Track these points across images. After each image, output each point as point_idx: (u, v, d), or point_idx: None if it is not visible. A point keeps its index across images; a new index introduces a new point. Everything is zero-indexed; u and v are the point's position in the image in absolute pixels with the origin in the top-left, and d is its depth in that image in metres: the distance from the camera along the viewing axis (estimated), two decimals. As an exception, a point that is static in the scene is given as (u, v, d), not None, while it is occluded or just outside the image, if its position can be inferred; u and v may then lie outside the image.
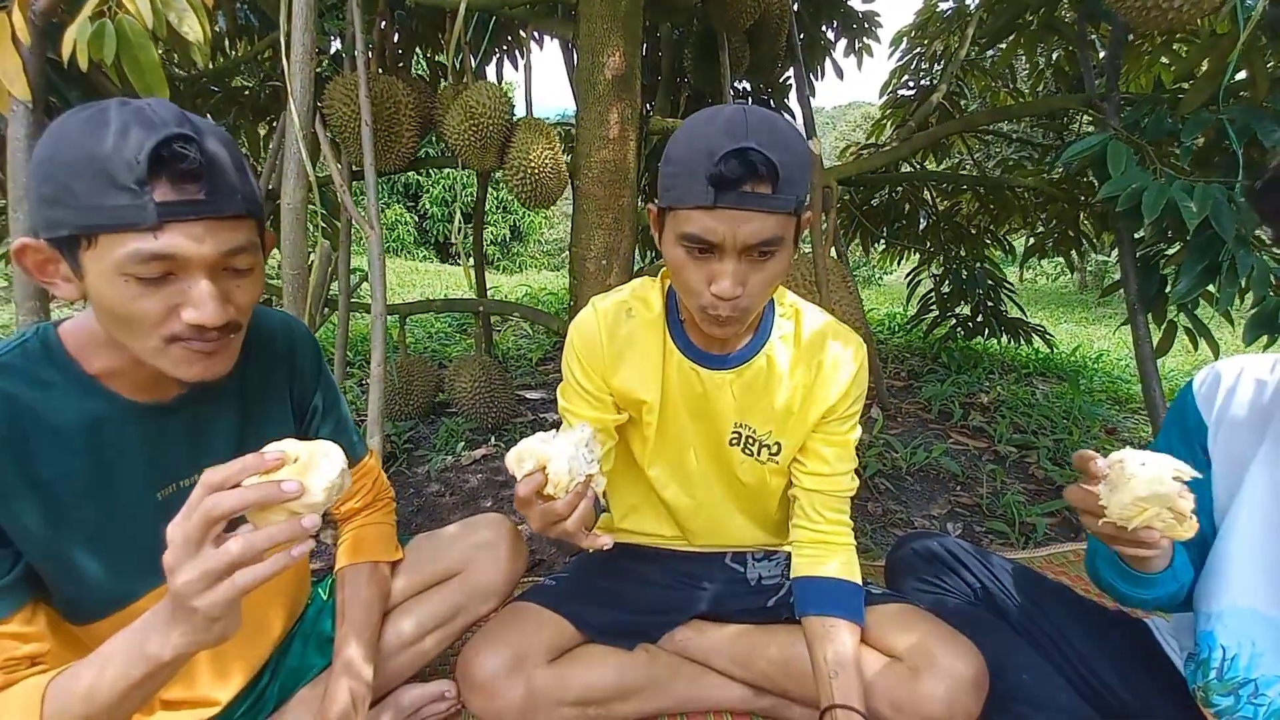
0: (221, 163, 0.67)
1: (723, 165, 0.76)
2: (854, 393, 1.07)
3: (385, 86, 1.82)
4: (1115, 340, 5.03)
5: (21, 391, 0.71)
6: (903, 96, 3.51)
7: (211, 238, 0.66)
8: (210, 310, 0.67)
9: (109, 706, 0.65)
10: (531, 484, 0.78)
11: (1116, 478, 0.74)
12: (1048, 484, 2.21)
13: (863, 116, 20.31)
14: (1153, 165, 1.83)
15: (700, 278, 0.86)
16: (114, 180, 0.61)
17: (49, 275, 0.69)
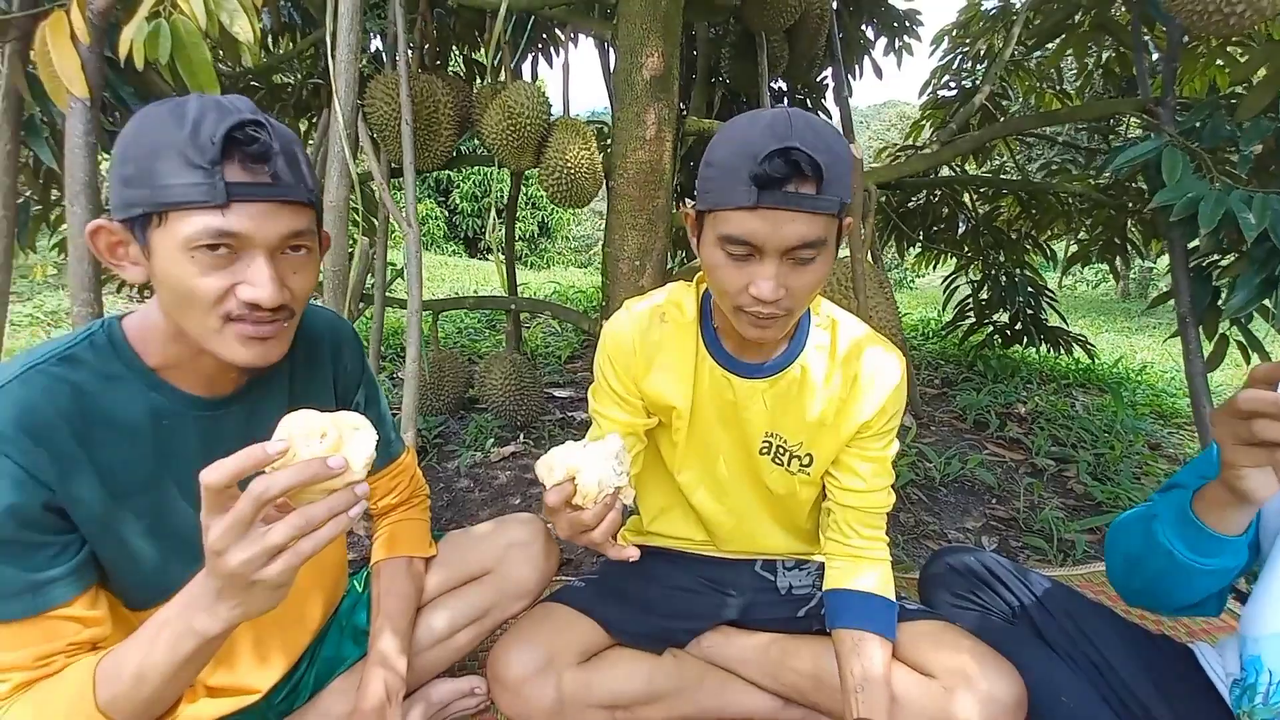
0: (288, 152, 0.71)
1: (766, 164, 0.75)
2: (891, 408, 1.04)
3: (425, 85, 1.84)
4: (1160, 352, 4.87)
5: (89, 383, 0.73)
6: (943, 97, 3.44)
7: (274, 220, 0.69)
8: (267, 290, 0.69)
9: (160, 685, 0.67)
10: (561, 494, 0.79)
11: None
12: (1087, 499, 2.14)
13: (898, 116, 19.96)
14: (1209, 173, 1.76)
15: (739, 280, 0.84)
16: (188, 160, 0.65)
17: (118, 258, 0.73)
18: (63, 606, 0.70)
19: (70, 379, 0.72)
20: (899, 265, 10.09)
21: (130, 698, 0.67)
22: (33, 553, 0.69)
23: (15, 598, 0.68)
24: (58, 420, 0.70)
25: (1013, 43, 2.61)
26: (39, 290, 5.21)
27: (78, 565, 0.72)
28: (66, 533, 0.72)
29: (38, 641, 0.69)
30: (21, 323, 4.28)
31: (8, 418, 0.67)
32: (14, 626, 0.68)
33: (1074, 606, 1.12)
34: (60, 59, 1.28)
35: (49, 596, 0.69)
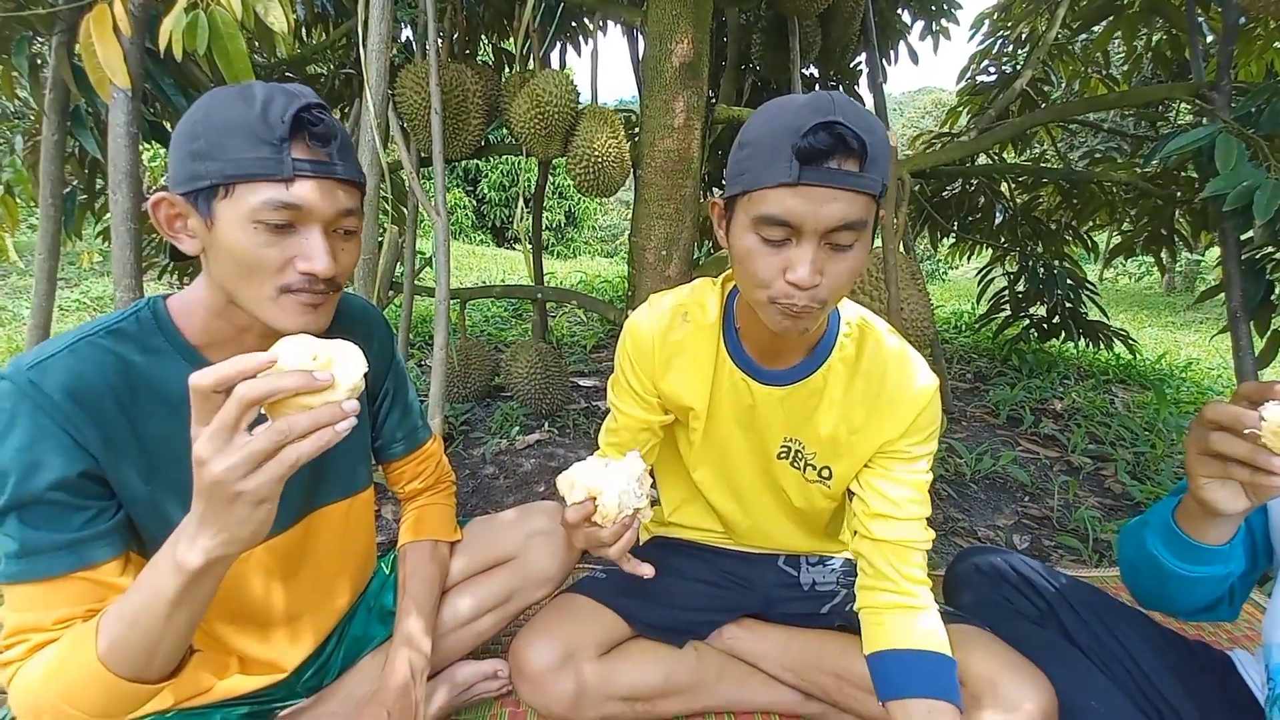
0: (343, 136, 0.77)
1: (811, 137, 0.72)
2: (920, 429, 0.97)
3: (454, 75, 1.84)
4: (1207, 349, 4.67)
5: (134, 356, 0.77)
6: (982, 83, 3.33)
7: (332, 196, 0.75)
8: (324, 261, 0.74)
9: (152, 630, 0.66)
10: (581, 512, 0.81)
11: None
12: (1125, 499, 2.08)
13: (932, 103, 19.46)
14: (1266, 161, 1.67)
15: (773, 266, 0.79)
16: (259, 137, 0.70)
17: (176, 230, 0.76)
18: (91, 568, 0.72)
19: (117, 351, 0.76)
20: (931, 256, 9.86)
21: (125, 645, 0.66)
22: (70, 515, 0.71)
23: (46, 555, 0.69)
24: (104, 390, 0.74)
25: (1056, 25, 2.51)
26: (85, 276, 5.41)
27: (111, 529, 0.74)
28: (103, 499, 0.75)
29: (60, 604, 0.70)
30: (69, 307, 4.45)
31: (56, 384, 0.71)
32: (41, 586, 0.70)
33: (1105, 610, 1.09)
34: (104, 50, 1.31)
35: (79, 556, 0.71)
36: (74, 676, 0.67)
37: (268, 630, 0.97)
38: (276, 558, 0.93)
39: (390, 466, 1.13)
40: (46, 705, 0.67)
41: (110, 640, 0.67)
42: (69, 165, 2.00)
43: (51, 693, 0.67)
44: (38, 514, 0.70)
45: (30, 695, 0.68)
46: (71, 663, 0.67)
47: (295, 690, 1.02)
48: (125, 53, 1.34)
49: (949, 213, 3.49)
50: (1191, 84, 2.04)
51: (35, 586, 0.70)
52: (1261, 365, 1.91)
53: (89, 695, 0.68)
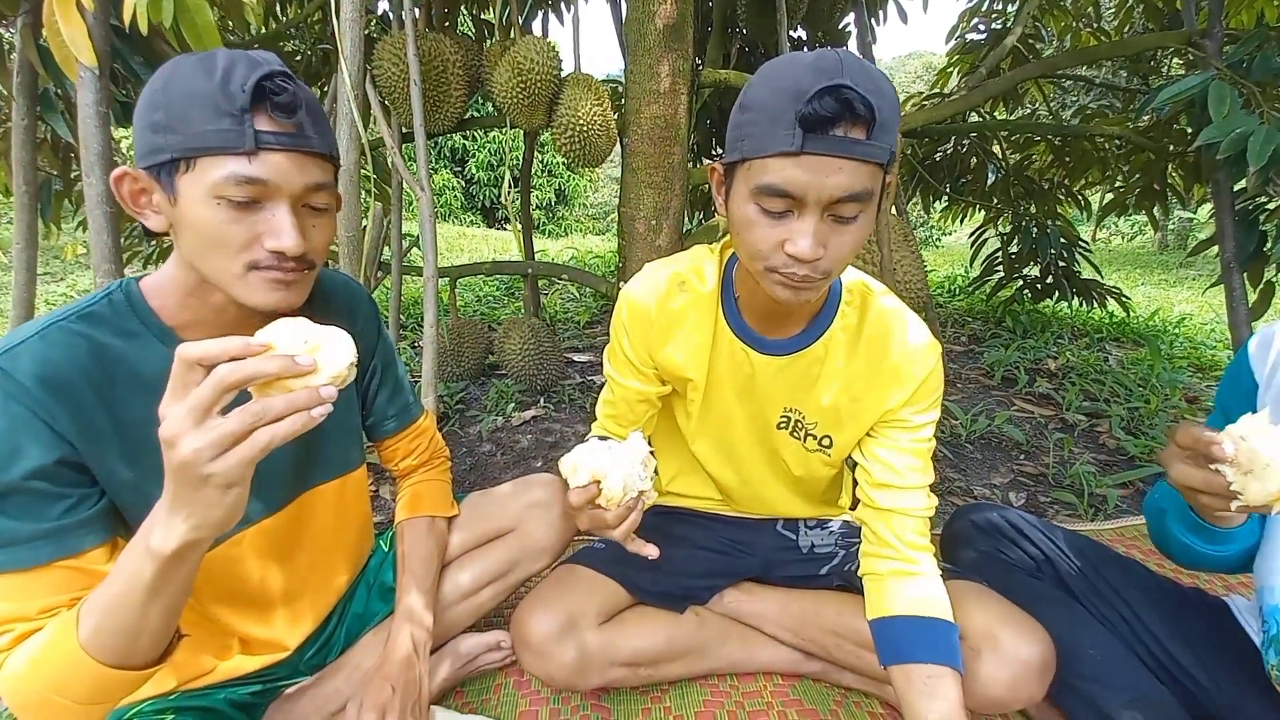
0: (312, 106, 0.73)
1: (815, 103, 0.67)
2: (923, 397, 0.96)
3: (433, 45, 1.80)
4: (1200, 304, 4.68)
5: (108, 340, 0.75)
6: (972, 41, 3.28)
7: (299, 169, 0.71)
8: (290, 238, 0.71)
9: (133, 615, 0.64)
10: (585, 495, 0.80)
11: (1248, 460, 0.68)
12: (1120, 454, 2.09)
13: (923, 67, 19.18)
14: (1259, 108, 1.65)
15: (773, 237, 0.76)
16: (219, 108, 0.67)
17: (141, 206, 0.74)
18: (74, 557, 0.70)
19: (90, 335, 0.74)
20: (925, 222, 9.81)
21: (106, 632, 0.65)
22: (50, 503, 0.69)
23: (25, 545, 0.68)
24: (77, 375, 0.72)
25: (1048, -23, 2.46)
26: (71, 270, 5.34)
27: (94, 516, 0.72)
28: (84, 486, 0.73)
29: (44, 593, 0.69)
30: (56, 302, 4.40)
31: (27, 371, 0.69)
32: (23, 576, 0.68)
33: (1101, 561, 1.10)
34: (68, 29, 1.27)
35: (61, 544, 0.69)
36: (59, 666, 0.66)
37: (267, 611, 0.97)
38: (271, 539, 0.93)
39: (383, 444, 1.12)
40: (34, 695, 0.66)
41: (91, 628, 0.65)
42: (42, 153, 1.95)
43: (39, 682, 0.66)
44: (16, 503, 0.68)
45: (18, 686, 0.66)
46: (55, 652, 0.66)
47: (299, 668, 1.03)
48: (90, 30, 1.29)
49: (941, 175, 3.46)
50: (1183, 33, 2.00)
51: (17, 576, 0.68)
52: (1255, 316, 1.91)
53: (76, 684, 0.66)
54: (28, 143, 1.60)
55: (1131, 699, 0.92)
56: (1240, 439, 0.69)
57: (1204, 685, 0.95)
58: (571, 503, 0.82)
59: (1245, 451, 0.68)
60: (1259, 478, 0.67)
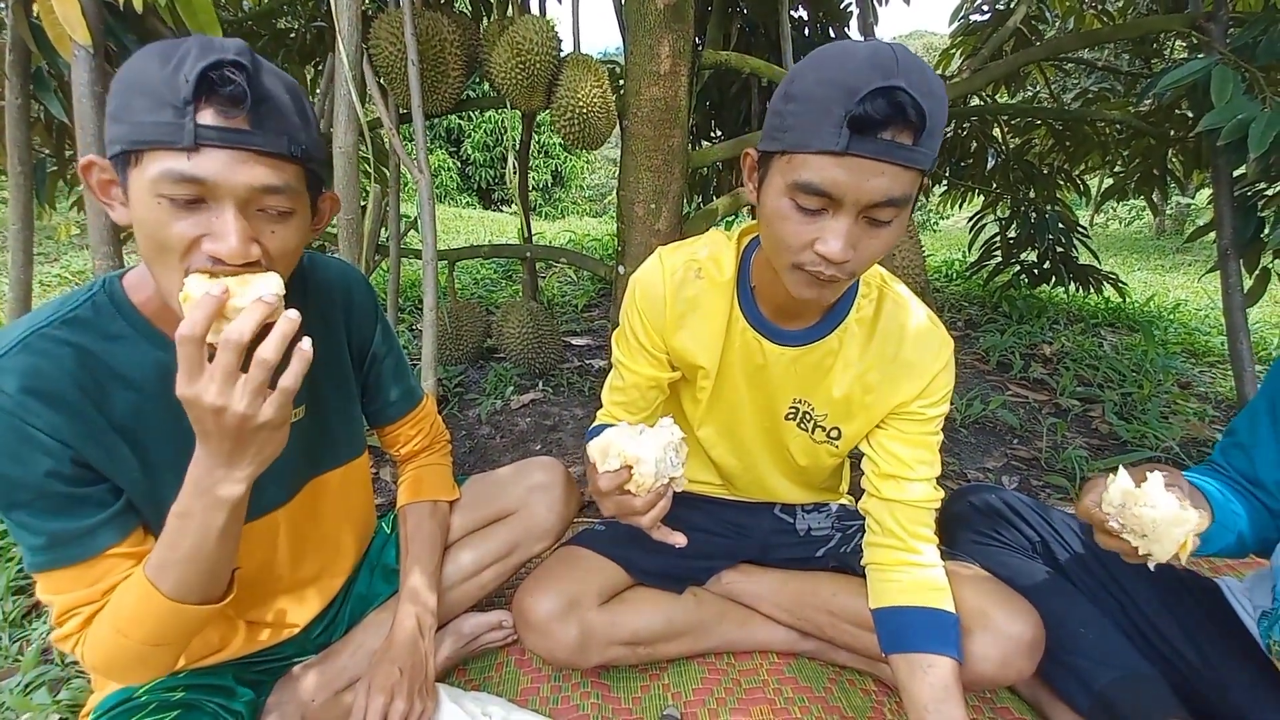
0: (275, 100, 0.66)
1: (867, 104, 0.65)
2: (935, 391, 0.96)
3: (430, 23, 1.77)
4: (1195, 289, 4.70)
5: (94, 344, 0.74)
6: (975, 23, 3.24)
7: (246, 170, 0.65)
8: (231, 243, 0.65)
9: (211, 557, 0.72)
10: (615, 480, 0.79)
11: (1144, 526, 0.74)
12: (1112, 439, 2.11)
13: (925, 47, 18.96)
14: (1262, 94, 1.65)
15: (804, 235, 0.74)
16: (162, 98, 0.62)
17: (109, 196, 0.71)
18: (122, 542, 0.75)
19: (73, 341, 0.72)
20: (923, 206, 9.77)
21: (191, 580, 0.72)
22: (78, 504, 0.72)
23: (71, 544, 0.72)
24: (66, 383, 0.71)
25: (1052, -42, 2.43)
26: (65, 251, 5.28)
27: (119, 510, 0.76)
28: (103, 482, 0.75)
29: (103, 577, 0.74)
30: (51, 283, 4.36)
31: (15, 386, 0.68)
32: (74, 570, 0.73)
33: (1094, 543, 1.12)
34: (61, 5, 1.25)
35: (99, 541, 0.73)
36: (155, 622, 0.72)
37: (276, 596, 0.99)
38: (280, 528, 0.94)
39: (385, 430, 1.13)
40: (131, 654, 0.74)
41: (175, 581, 0.71)
42: (36, 132, 1.93)
43: (135, 641, 0.73)
44: (51, 504, 0.71)
45: (113, 653, 0.74)
46: (145, 612, 0.72)
47: (305, 647, 1.05)
48: (84, 7, 1.27)
49: (941, 158, 3.44)
50: (1188, 15, 1.99)
51: (68, 571, 0.73)
52: (1250, 302, 1.92)
53: (175, 631, 0.74)
54: (22, 122, 1.57)
55: (1120, 676, 0.94)
56: (1123, 508, 0.75)
57: (1194, 664, 0.97)
58: (600, 487, 0.80)
59: (1132, 520, 0.74)
60: (1155, 540, 0.73)
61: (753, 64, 2.01)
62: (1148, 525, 0.74)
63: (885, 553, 0.99)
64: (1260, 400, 0.94)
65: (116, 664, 0.75)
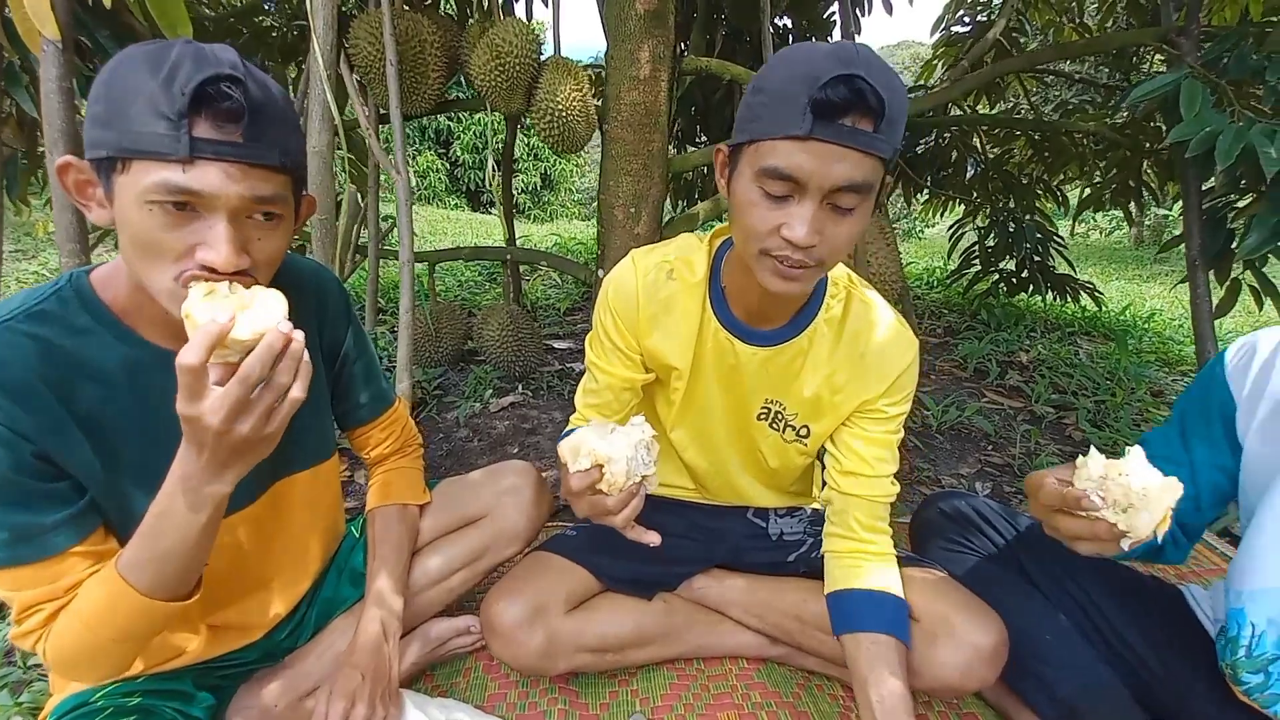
0: (268, 112, 0.67)
1: (829, 90, 0.69)
2: (899, 390, 0.99)
3: (410, 24, 1.77)
4: (1170, 299, 4.78)
5: (59, 338, 0.73)
6: (957, 33, 3.29)
7: (240, 182, 0.66)
8: (224, 253, 0.66)
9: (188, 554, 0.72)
10: (586, 480, 0.78)
11: (1124, 497, 0.70)
12: (1084, 446, 2.13)
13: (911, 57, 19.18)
14: (1231, 107, 1.68)
15: (771, 220, 0.77)
16: (157, 109, 0.62)
17: (86, 197, 0.71)
18: (86, 539, 0.75)
19: (39, 334, 0.71)
20: (907, 214, 9.87)
21: (167, 576, 0.72)
22: (39, 500, 0.72)
23: (31, 541, 0.71)
24: (31, 377, 0.70)
25: (1031, -29, 2.47)
26: (43, 248, 5.19)
27: (82, 510, 0.75)
28: (65, 479, 0.74)
29: (66, 574, 0.73)
30: (28, 280, 4.28)
31: None
32: (34, 567, 0.72)
33: (1060, 548, 1.12)
34: (31, 0, 1.23)
35: (59, 540, 0.73)
36: (125, 618, 0.72)
37: (239, 599, 0.97)
38: (245, 530, 0.93)
39: (355, 432, 1.12)
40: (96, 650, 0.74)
41: (152, 577, 0.71)
42: (8, 126, 1.89)
43: (102, 638, 0.73)
44: (10, 498, 0.70)
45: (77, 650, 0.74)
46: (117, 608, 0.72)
47: (270, 652, 1.03)
48: (53, 2, 1.25)
49: (922, 168, 3.48)
50: (1160, 29, 2.03)
51: (36, 566, 0.72)
52: (1220, 314, 1.95)
53: (145, 625, 0.74)
54: (-11, 116, 1.55)
55: (1084, 684, 0.95)
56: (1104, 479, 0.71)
57: (1156, 672, 0.98)
58: (572, 487, 0.79)
59: (1118, 489, 0.70)
60: (1141, 508, 0.69)
61: (734, 70, 2.02)
62: (1135, 495, 0.69)
63: (841, 542, 1.03)
64: (1174, 419, 0.94)
65: (80, 660, 0.75)
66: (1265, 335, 0.84)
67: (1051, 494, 0.76)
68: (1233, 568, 0.86)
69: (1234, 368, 0.86)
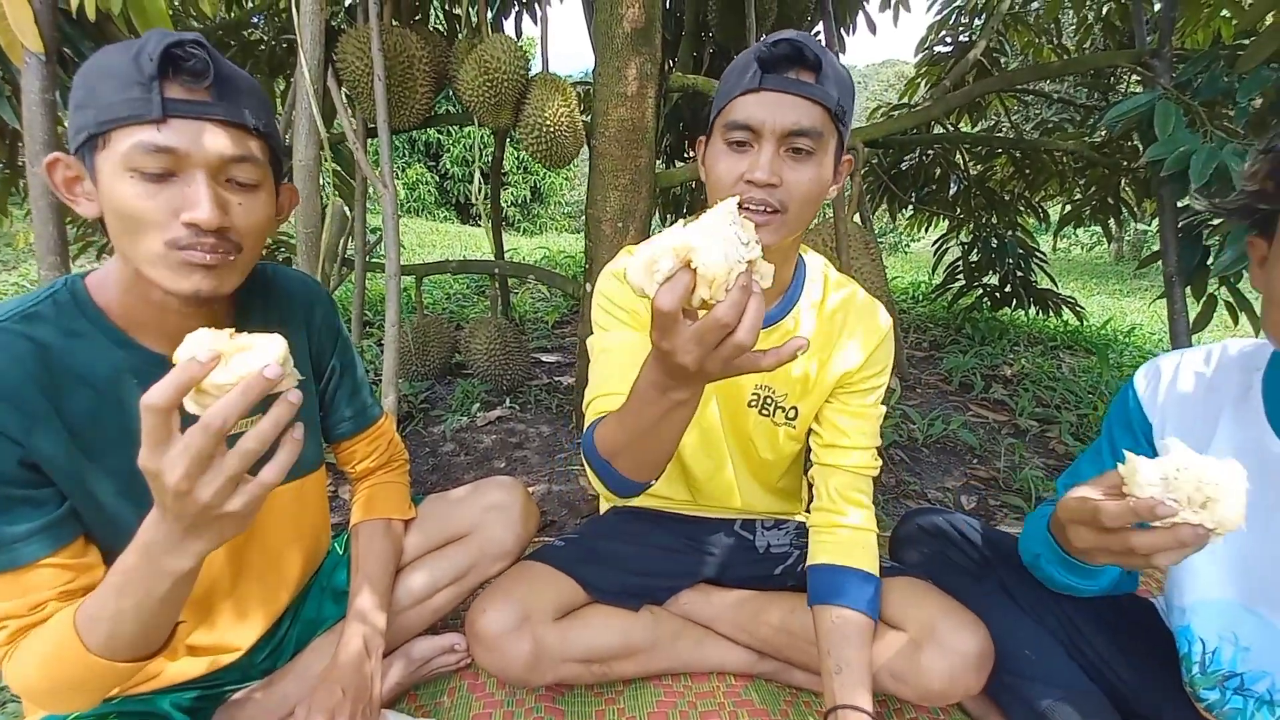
0: (233, 78, 0.71)
1: (772, 48, 0.81)
2: (875, 364, 1.05)
3: (398, 40, 1.77)
4: (1150, 314, 4.87)
5: (53, 340, 0.73)
6: (939, 53, 3.35)
7: (213, 139, 0.69)
8: (205, 209, 0.68)
9: (146, 621, 0.68)
10: (678, 288, 0.55)
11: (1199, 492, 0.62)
12: (1068, 459, 2.16)
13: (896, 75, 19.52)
14: (1204, 127, 1.72)
15: (736, 168, 0.85)
16: (128, 78, 0.66)
17: (75, 194, 0.73)
18: (57, 553, 0.72)
19: (33, 335, 0.72)
20: (893, 229, 10.00)
21: (121, 638, 0.68)
22: (24, 505, 0.70)
23: (7, 548, 0.69)
24: (22, 376, 0.70)
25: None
26: (25, 258, 5.13)
27: (60, 518, 0.73)
28: (48, 485, 0.73)
29: (31, 590, 0.71)
30: (8, 291, 4.22)
31: None
32: (9, 575, 0.70)
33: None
34: (13, 12, 1.23)
35: (29, 550, 0.70)
36: (74, 671, 0.69)
37: (215, 612, 0.95)
38: (226, 543, 0.91)
39: (340, 445, 1.10)
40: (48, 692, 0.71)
41: (105, 636, 0.67)
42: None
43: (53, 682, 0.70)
44: None
45: (30, 685, 0.70)
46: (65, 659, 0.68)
47: (248, 673, 1.01)
48: (36, 14, 1.25)
49: (906, 184, 3.53)
50: (1134, 52, 2.08)
51: (6, 577, 0.70)
52: (1197, 329, 1.99)
53: (95, 681, 0.70)
54: (-31, 127, 1.53)
55: (1063, 696, 0.96)
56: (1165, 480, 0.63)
57: (1132, 684, 0.99)
58: (663, 310, 0.56)
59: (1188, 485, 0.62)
60: (1220, 498, 0.61)
61: (720, 88, 2.05)
62: (1209, 486, 0.61)
63: (820, 515, 1.07)
64: (1103, 437, 0.95)
65: (39, 694, 0.72)
66: (1165, 360, 0.89)
67: (1120, 512, 0.65)
68: (1170, 584, 0.88)
69: (1145, 395, 0.89)
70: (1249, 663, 0.80)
